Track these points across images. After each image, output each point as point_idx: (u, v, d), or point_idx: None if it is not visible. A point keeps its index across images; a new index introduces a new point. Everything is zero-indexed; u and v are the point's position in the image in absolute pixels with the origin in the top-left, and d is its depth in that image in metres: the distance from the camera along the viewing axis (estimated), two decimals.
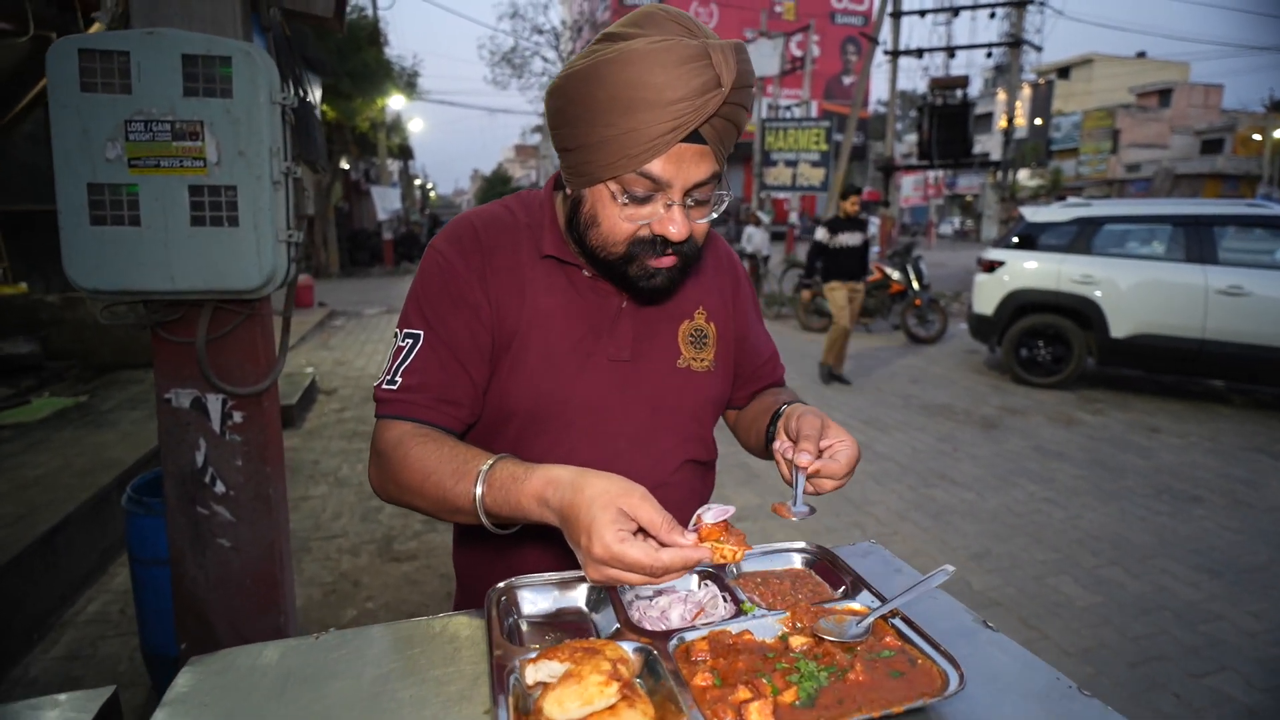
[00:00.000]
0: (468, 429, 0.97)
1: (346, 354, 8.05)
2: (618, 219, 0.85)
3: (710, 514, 0.70)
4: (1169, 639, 2.62)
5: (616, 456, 0.94)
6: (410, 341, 0.92)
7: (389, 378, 0.91)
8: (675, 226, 0.83)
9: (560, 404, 0.94)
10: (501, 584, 0.73)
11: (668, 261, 0.87)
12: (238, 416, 1.90)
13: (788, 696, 0.57)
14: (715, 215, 0.89)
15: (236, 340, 1.86)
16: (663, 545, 0.65)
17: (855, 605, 0.69)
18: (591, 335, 0.95)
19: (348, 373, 7.08)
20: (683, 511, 0.90)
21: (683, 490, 1.00)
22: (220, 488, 1.91)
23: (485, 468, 0.78)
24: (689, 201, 0.84)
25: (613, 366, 0.95)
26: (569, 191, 0.90)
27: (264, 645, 0.67)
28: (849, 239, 6.51)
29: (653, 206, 0.84)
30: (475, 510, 0.77)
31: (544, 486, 0.71)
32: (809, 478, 0.83)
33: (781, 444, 0.88)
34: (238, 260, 1.69)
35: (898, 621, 0.66)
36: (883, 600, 0.68)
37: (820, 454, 0.83)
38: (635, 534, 0.66)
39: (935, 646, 0.62)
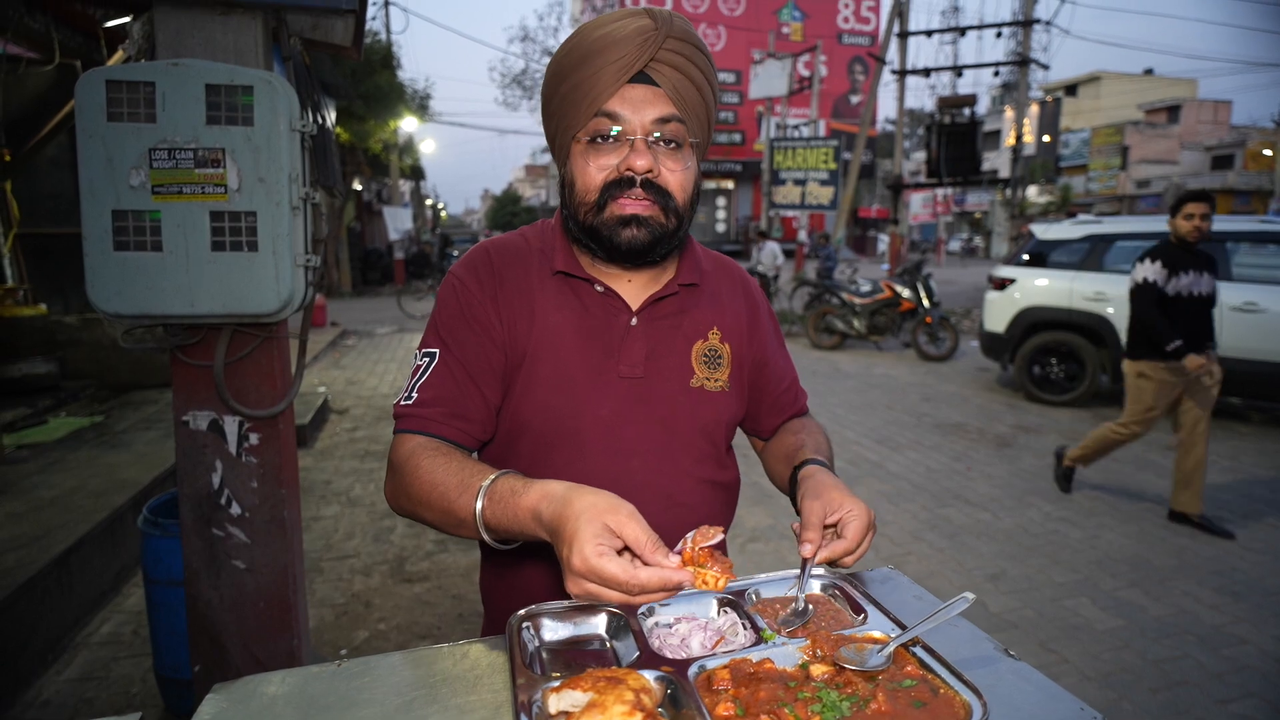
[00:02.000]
0: (483, 446, 1.00)
1: (359, 373, 8.10)
2: (590, 169, 0.91)
3: (697, 538, 0.69)
4: (1192, 663, 2.57)
5: (630, 473, 0.95)
6: (427, 360, 0.97)
7: (406, 394, 0.95)
8: (638, 158, 0.88)
9: (572, 420, 0.95)
10: (523, 611, 0.73)
11: (638, 205, 0.90)
12: (254, 438, 1.92)
13: None
14: (689, 170, 0.93)
15: (254, 363, 1.88)
16: (646, 565, 0.65)
17: (875, 633, 0.69)
18: (603, 352, 0.97)
19: (360, 392, 7.12)
20: (701, 497, 0.95)
21: (701, 512, 1.00)
22: (236, 509, 1.92)
23: (487, 483, 0.79)
24: (656, 141, 0.90)
25: (625, 383, 0.97)
26: (559, 176, 0.97)
27: (287, 672, 0.68)
28: (1197, 284, 3.74)
29: (619, 151, 0.90)
30: (474, 519, 0.78)
31: (538, 501, 0.72)
32: (820, 564, 0.82)
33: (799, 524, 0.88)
34: (256, 284, 1.71)
35: (919, 650, 0.66)
36: (903, 628, 0.68)
37: (826, 532, 0.83)
38: (620, 552, 0.66)
39: (958, 676, 0.61)
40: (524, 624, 0.71)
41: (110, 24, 2.47)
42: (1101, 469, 4.76)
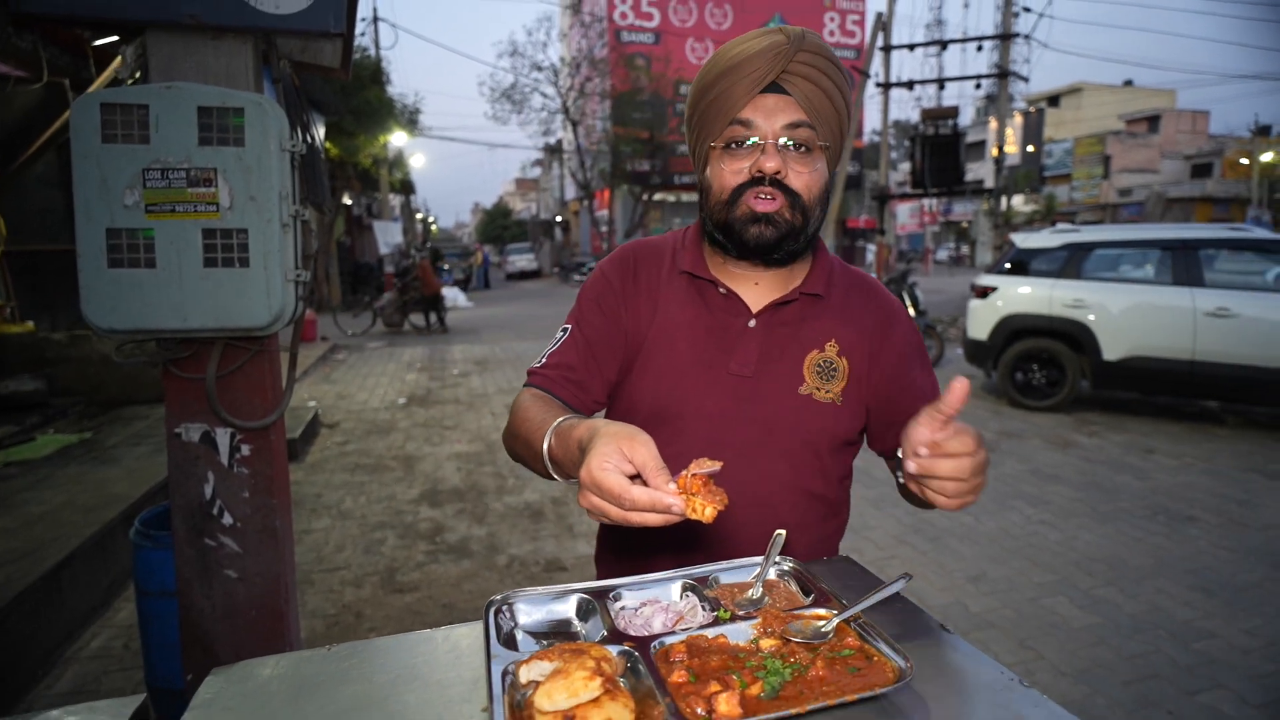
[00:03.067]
0: (591, 415, 1.08)
1: (348, 387, 8.12)
2: (725, 173, 0.99)
3: (694, 467, 0.72)
4: (1163, 658, 2.65)
5: (726, 467, 0.93)
6: (562, 334, 1.10)
7: (540, 359, 1.09)
8: (768, 160, 0.95)
9: (679, 405, 1.03)
10: (498, 596, 0.79)
11: (768, 204, 0.97)
12: (246, 450, 1.96)
13: (754, 689, 0.63)
14: (818, 171, 0.98)
15: (245, 376, 1.93)
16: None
17: (821, 611, 0.75)
18: (717, 348, 1.04)
19: (350, 406, 7.14)
20: (795, 506, 1.02)
21: (790, 518, 1.01)
22: (228, 519, 1.97)
23: (556, 422, 0.87)
24: (787, 146, 0.96)
25: (734, 380, 1.03)
26: (698, 182, 1.05)
27: (280, 656, 0.73)
28: None
29: (752, 155, 0.97)
30: (543, 456, 0.87)
31: (583, 432, 0.79)
32: (918, 479, 0.77)
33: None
34: (248, 299, 1.77)
35: (859, 625, 0.72)
36: (846, 606, 0.74)
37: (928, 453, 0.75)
38: (633, 478, 0.70)
39: (890, 645, 0.67)
40: (499, 608, 0.77)
41: (98, 43, 2.53)
42: (1081, 471, 4.85)
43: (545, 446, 0.87)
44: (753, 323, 1.04)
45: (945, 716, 0.61)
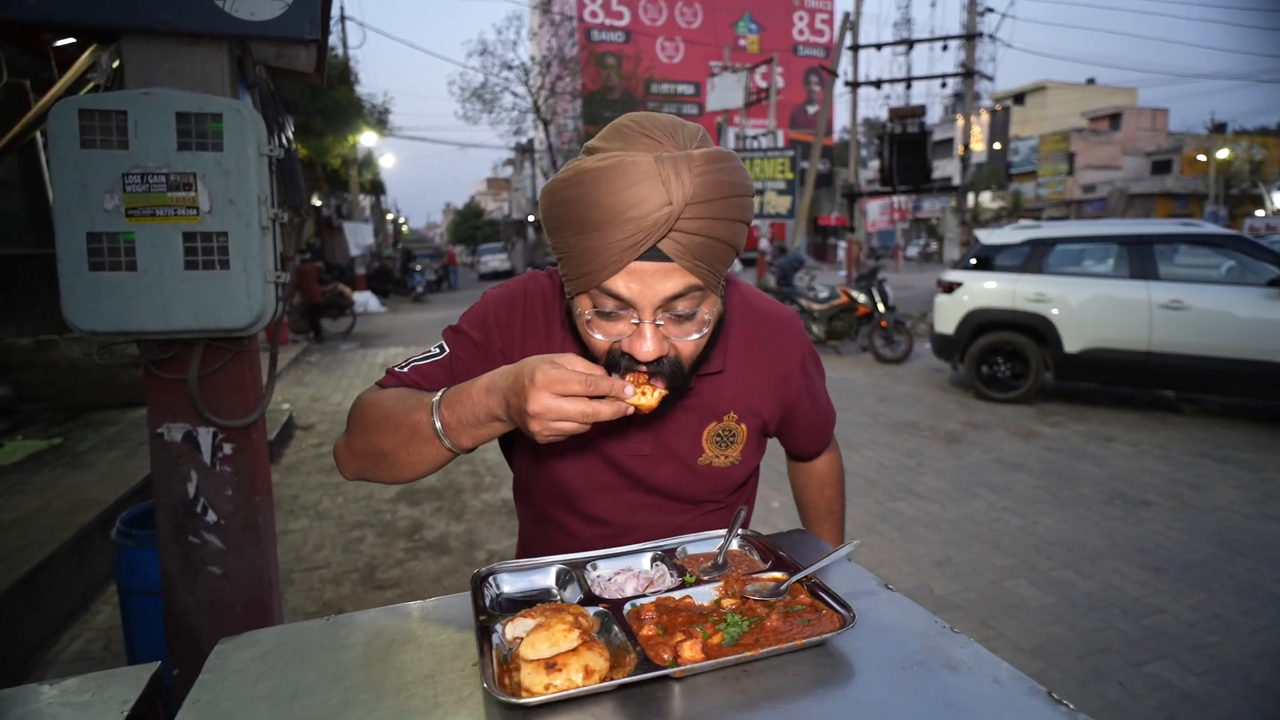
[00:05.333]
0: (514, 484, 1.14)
1: (322, 390, 8.08)
2: (595, 337, 0.84)
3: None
4: (1115, 633, 2.79)
5: (635, 527, 1.03)
6: (437, 351, 0.98)
7: (401, 363, 0.98)
8: (642, 344, 0.80)
9: (580, 489, 1.01)
10: (484, 568, 0.85)
11: (643, 379, 0.82)
12: (228, 448, 2.00)
13: (715, 639, 0.71)
14: (703, 334, 0.84)
15: (226, 376, 1.97)
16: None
17: (778, 574, 0.83)
18: (609, 431, 0.98)
19: (324, 408, 7.12)
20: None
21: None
22: (211, 517, 2.00)
23: (441, 391, 0.82)
24: (664, 318, 0.81)
25: (631, 460, 1.00)
26: (567, 301, 0.89)
27: (283, 627, 0.79)
28: None
29: (624, 324, 0.82)
30: (432, 424, 0.79)
31: (489, 379, 0.77)
32: None
33: None
34: (229, 301, 1.80)
35: (811, 585, 0.80)
36: (799, 569, 0.82)
37: None
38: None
39: (836, 599, 0.76)
40: (485, 579, 0.84)
41: (59, 44, 2.53)
42: (1043, 460, 5.03)
43: (432, 407, 0.80)
44: None
45: (882, 657, 0.70)
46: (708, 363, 0.96)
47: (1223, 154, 31.49)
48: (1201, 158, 33.02)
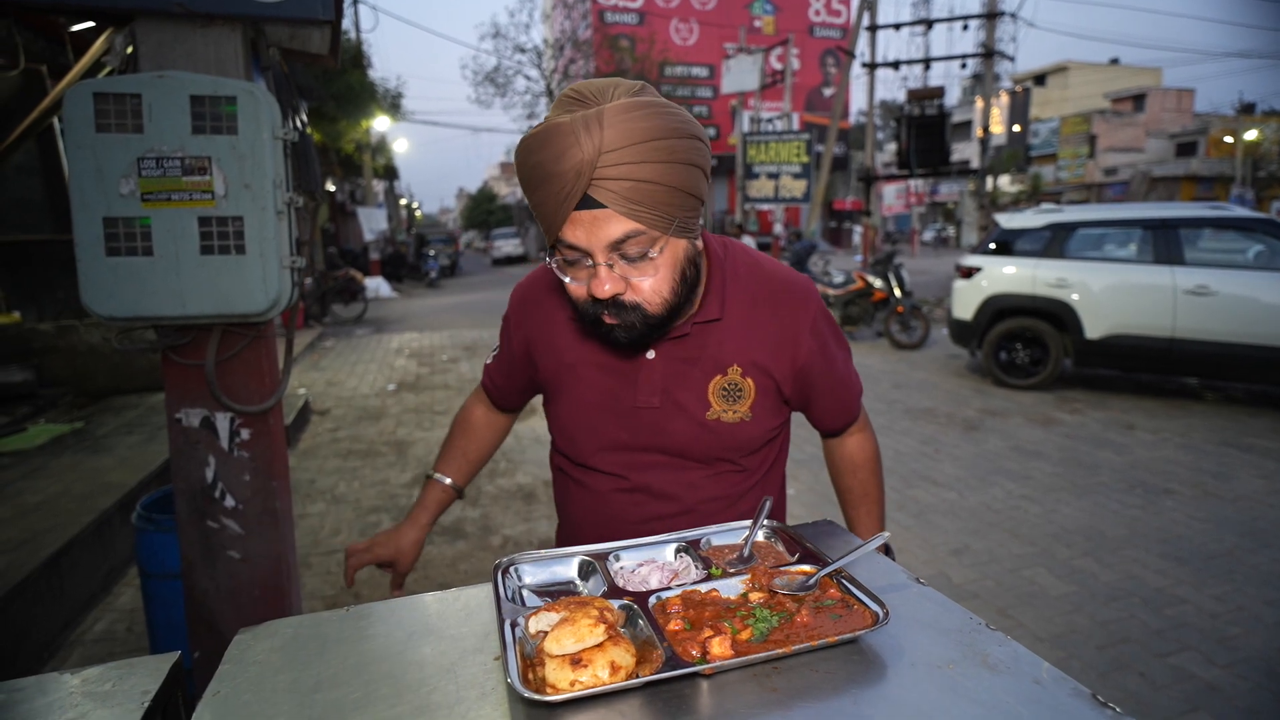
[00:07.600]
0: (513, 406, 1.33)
1: (338, 374, 8.12)
2: (570, 284, 0.92)
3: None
4: (1136, 623, 2.75)
5: (648, 485, 1.07)
6: (495, 351, 1.27)
7: (489, 357, 1.28)
8: (600, 285, 0.87)
9: (593, 439, 1.07)
10: (505, 559, 0.84)
11: (614, 320, 0.91)
12: (245, 434, 2.00)
13: (744, 635, 0.69)
14: (659, 274, 0.90)
15: (243, 361, 1.97)
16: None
17: (807, 568, 0.81)
18: (620, 382, 1.04)
19: (340, 393, 7.16)
20: (716, 505, 1.08)
21: (716, 517, 1.07)
22: (230, 502, 2.01)
23: (435, 474, 1.32)
24: (618, 259, 0.87)
25: (641, 413, 1.04)
26: None
27: (303, 617, 0.78)
28: None
29: (587, 270, 0.89)
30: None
31: (413, 505, 1.21)
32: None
33: None
34: (245, 286, 1.80)
35: (840, 578, 0.78)
36: (829, 562, 0.80)
37: None
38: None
39: (869, 594, 0.73)
40: (506, 569, 0.82)
41: (76, 28, 2.52)
42: (1062, 448, 4.97)
43: (433, 470, 1.31)
44: (651, 354, 1.03)
45: (915, 654, 0.67)
46: (702, 309, 1.02)
47: (1251, 135, 30.77)
48: (1228, 139, 32.30)
